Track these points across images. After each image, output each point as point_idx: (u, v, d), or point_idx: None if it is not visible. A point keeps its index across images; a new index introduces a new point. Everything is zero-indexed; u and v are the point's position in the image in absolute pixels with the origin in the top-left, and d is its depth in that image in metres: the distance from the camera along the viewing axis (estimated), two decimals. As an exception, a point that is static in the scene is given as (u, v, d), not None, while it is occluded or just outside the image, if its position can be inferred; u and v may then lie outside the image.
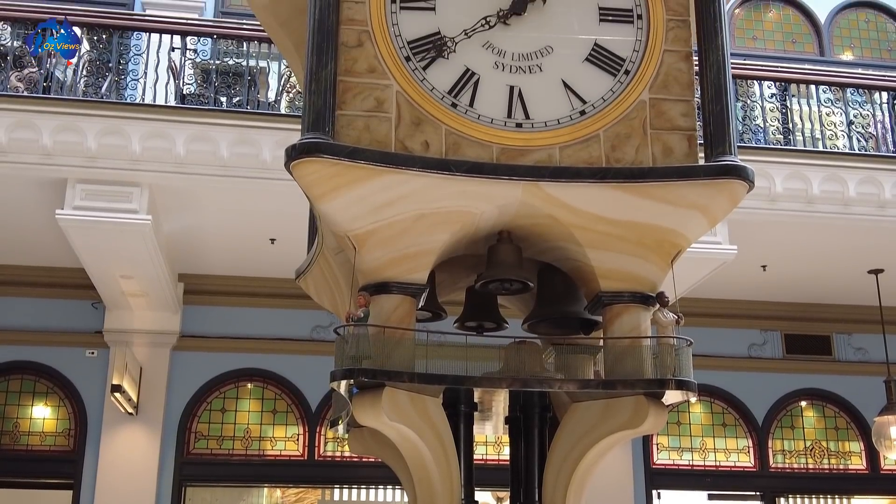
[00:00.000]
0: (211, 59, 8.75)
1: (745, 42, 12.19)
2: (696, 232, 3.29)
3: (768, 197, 8.20)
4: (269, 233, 8.68)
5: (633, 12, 3.41)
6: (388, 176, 3.04)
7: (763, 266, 9.69)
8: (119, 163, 7.45)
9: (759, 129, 9.09)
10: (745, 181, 3.20)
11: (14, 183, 7.69)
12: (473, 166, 3.09)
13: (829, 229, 8.70)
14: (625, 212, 3.18)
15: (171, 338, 9.86)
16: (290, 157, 3.02)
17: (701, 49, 3.38)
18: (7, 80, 7.88)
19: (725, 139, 3.26)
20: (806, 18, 12.44)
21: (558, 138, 3.19)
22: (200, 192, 7.86)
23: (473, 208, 3.15)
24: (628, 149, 3.22)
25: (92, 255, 8.18)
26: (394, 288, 3.11)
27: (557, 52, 3.32)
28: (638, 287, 3.23)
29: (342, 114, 3.11)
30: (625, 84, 3.30)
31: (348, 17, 3.23)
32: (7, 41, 8.14)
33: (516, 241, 3.32)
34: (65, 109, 7.46)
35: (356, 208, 3.08)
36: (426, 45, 3.25)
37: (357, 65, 3.18)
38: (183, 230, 8.64)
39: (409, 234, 3.11)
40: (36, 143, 7.37)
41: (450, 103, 3.18)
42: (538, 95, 3.24)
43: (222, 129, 7.61)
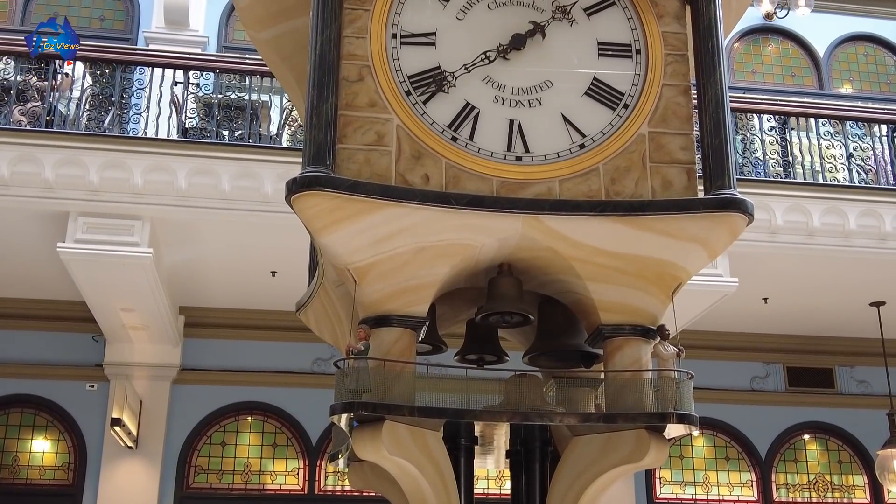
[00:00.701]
0: (213, 93, 8.81)
1: (745, 75, 12.27)
2: (696, 265, 3.29)
3: (769, 229, 8.21)
4: (271, 265, 8.69)
5: (631, 47, 3.44)
6: (389, 209, 3.04)
7: (764, 298, 9.68)
8: (121, 196, 7.47)
9: (758, 161, 9.12)
10: (745, 214, 3.20)
11: (16, 216, 7.71)
12: (473, 199, 3.10)
13: (830, 262, 8.71)
14: (625, 245, 3.18)
15: (172, 371, 9.83)
16: (291, 190, 3.02)
17: (699, 83, 3.40)
18: (10, 114, 7.94)
19: (725, 172, 3.26)
20: (805, 52, 12.53)
21: (558, 171, 3.20)
22: (202, 225, 7.88)
23: (474, 241, 3.15)
24: (628, 182, 3.23)
25: (93, 288, 8.18)
26: (394, 321, 3.10)
27: (557, 87, 3.34)
28: (638, 320, 3.22)
29: (343, 147, 3.13)
30: (624, 118, 3.32)
31: (349, 52, 3.25)
32: (10, 75, 8.20)
33: (517, 273, 3.32)
34: (67, 143, 7.51)
35: (356, 241, 3.08)
36: (426, 79, 3.27)
37: (358, 99, 3.20)
38: (184, 263, 8.65)
39: (410, 267, 3.11)
40: (38, 177, 7.40)
41: (450, 137, 3.20)
42: (538, 129, 3.26)
43: (224, 163, 7.64)
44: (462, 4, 3.41)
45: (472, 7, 3.42)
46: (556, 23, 3.41)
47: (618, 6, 3.50)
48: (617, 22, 3.48)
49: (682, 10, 3.51)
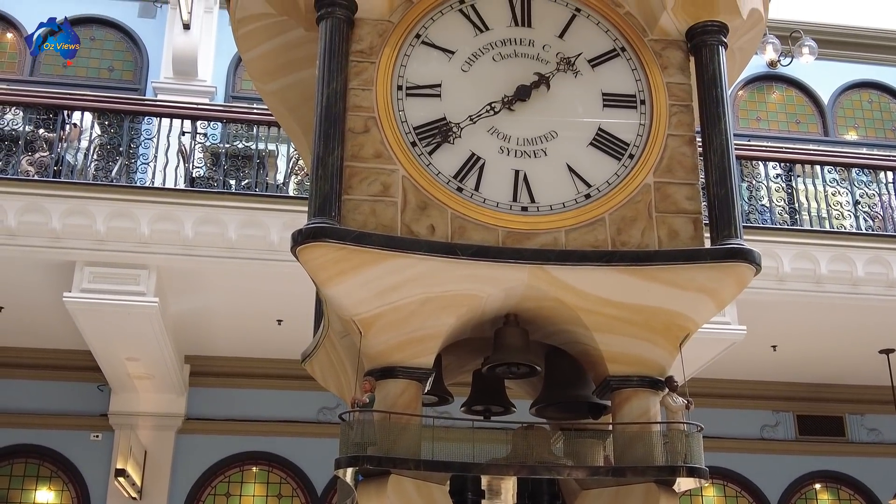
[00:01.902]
0: (221, 142, 8.87)
1: (749, 123, 12.32)
2: (704, 315, 3.26)
3: (776, 277, 8.18)
4: (277, 314, 8.68)
5: (636, 98, 3.45)
6: (394, 260, 3.03)
7: (773, 346, 9.63)
8: (127, 245, 7.49)
9: (765, 209, 9.12)
10: (753, 264, 3.18)
11: (22, 266, 7.73)
12: (479, 250, 3.09)
13: (839, 309, 8.66)
14: (632, 295, 3.16)
15: (177, 420, 9.77)
16: (297, 241, 3.02)
17: (704, 133, 3.40)
18: (18, 164, 7.99)
19: (731, 222, 3.25)
20: (809, 99, 12.58)
21: (564, 222, 3.20)
22: (208, 273, 7.88)
23: (479, 292, 3.13)
24: (634, 232, 3.22)
25: (99, 337, 8.17)
26: (400, 372, 3.08)
27: (562, 137, 3.34)
28: (646, 371, 3.19)
29: (348, 198, 3.13)
30: (629, 168, 3.31)
31: (355, 103, 3.27)
32: (19, 126, 8.27)
33: (523, 324, 3.30)
34: (74, 193, 7.54)
35: (362, 292, 3.07)
36: (432, 130, 3.28)
37: (363, 150, 3.20)
38: (190, 312, 8.64)
39: (416, 317, 3.09)
40: (45, 227, 7.43)
41: (455, 187, 3.20)
42: (543, 179, 3.26)
43: (230, 212, 7.67)
44: (467, 56, 3.44)
45: (477, 59, 3.44)
46: (560, 74, 3.43)
47: (622, 58, 3.52)
48: (621, 73, 3.49)
49: (686, 61, 3.53)
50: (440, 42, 3.44)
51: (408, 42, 3.42)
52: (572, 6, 3.58)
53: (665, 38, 3.53)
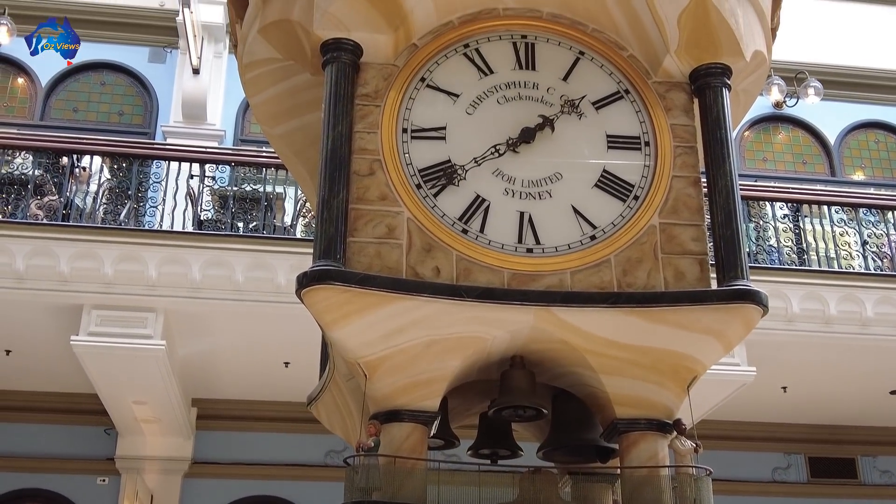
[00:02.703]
0: (229, 185, 8.92)
1: (756, 163, 12.34)
2: (711, 357, 3.24)
3: (785, 317, 8.15)
4: (284, 356, 8.66)
5: (640, 139, 3.46)
6: (399, 302, 3.02)
7: (783, 387, 9.55)
8: (135, 288, 7.51)
9: (772, 249, 9.10)
10: (760, 306, 3.16)
11: (30, 309, 7.74)
12: (485, 292, 3.08)
13: (849, 350, 8.60)
14: (638, 337, 3.14)
15: (183, 464, 9.71)
16: (302, 284, 3.02)
17: (709, 175, 3.40)
18: (27, 208, 8.04)
19: (737, 263, 3.24)
20: (816, 140, 12.61)
21: (569, 263, 3.19)
22: (215, 316, 7.89)
23: (485, 334, 3.12)
24: (640, 273, 3.21)
25: (106, 380, 8.16)
26: (405, 416, 3.06)
27: (567, 179, 3.35)
28: (654, 414, 3.16)
29: (353, 241, 3.13)
30: (634, 209, 3.31)
31: (361, 146, 3.29)
32: (28, 170, 8.33)
33: (529, 366, 3.28)
34: (83, 236, 7.58)
35: (367, 335, 3.06)
36: (437, 172, 3.29)
37: (369, 193, 3.21)
38: (197, 355, 8.63)
39: (421, 360, 3.08)
40: (53, 270, 7.45)
41: (460, 229, 3.20)
42: (548, 221, 3.26)
43: (238, 254, 7.69)
44: (472, 99, 3.46)
45: (481, 102, 3.46)
46: (564, 116, 3.44)
47: (626, 100, 3.53)
48: (625, 115, 3.51)
49: (689, 102, 3.54)
50: (445, 85, 3.47)
51: (413, 85, 3.45)
52: (576, 50, 3.61)
53: (669, 81, 3.55)
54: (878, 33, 12.97)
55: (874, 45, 12.84)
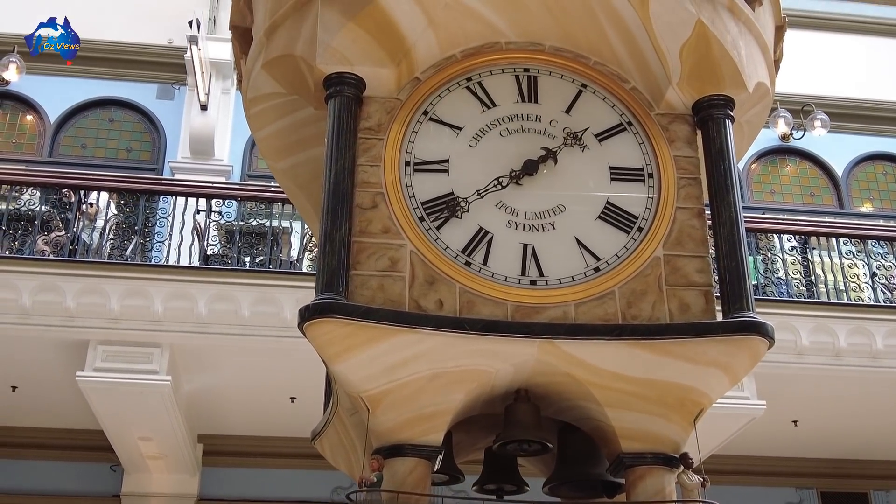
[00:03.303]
0: (235, 220, 8.94)
1: (764, 196, 12.31)
2: (717, 390, 3.21)
3: (795, 350, 8.09)
4: (290, 391, 8.62)
5: (643, 171, 3.45)
6: (402, 335, 3.01)
7: (794, 421, 9.46)
8: (141, 324, 7.50)
9: (781, 281, 9.05)
10: (766, 338, 3.14)
11: (36, 345, 7.74)
12: (488, 324, 3.06)
13: (860, 383, 8.53)
14: (643, 370, 3.12)
15: (189, 501, 9.63)
16: (304, 317, 3.01)
17: (713, 206, 3.39)
18: (34, 244, 8.06)
19: (742, 295, 3.21)
20: (823, 172, 12.59)
21: (573, 295, 3.17)
22: (221, 351, 7.87)
23: (489, 367, 3.10)
24: (644, 305, 3.18)
25: (111, 416, 8.13)
26: (408, 451, 3.03)
27: (570, 211, 3.34)
28: (660, 448, 3.13)
29: (356, 274, 3.12)
30: (638, 241, 3.30)
31: (363, 179, 3.29)
32: (36, 206, 8.36)
33: (534, 400, 3.25)
34: (89, 272, 7.59)
35: (370, 368, 3.04)
36: (440, 205, 3.28)
37: (371, 225, 3.21)
38: (203, 390, 8.60)
39: (424, 394, 3.06)
40: (59, 306, 7.46)
41: (463, 262, 3.19)
42: (552, 253, 3.24)
43: (244, 289, 7.68)
44: (474, 132, 3.46)
45: (484, 135, 3.47)
46: (567, 148, 3.44)
47: (629, 132, 3.53)
48: (628, 147, 3.51)
49: (693, 134, 3.54)
50: (448, 118, 3.47)
51: (416, 119, 3.45)
52: (578, 82, 3.62)
53: (671, 112, 3.55)
54: (884, 65, 13.00)
55: (880, 77, 12.86)
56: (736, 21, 3.60)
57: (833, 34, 12.95)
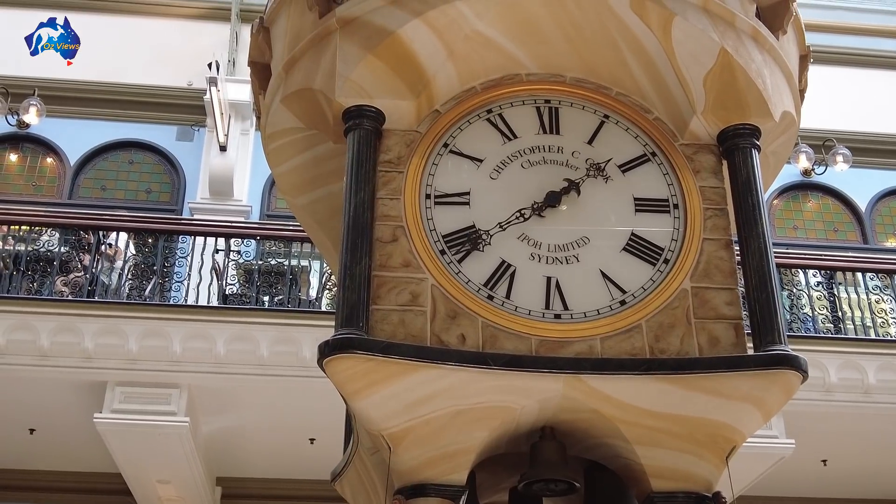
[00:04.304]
0: (254, 259, 8.93)
1: (786, 231, 12.21)
2: (750, 426, 3.11)
3: (823, 388, 7.96)
4: (309, 432, 8.55)
5: (668, 202, 3.39)
6: (424, 371, 2.93)
7: (823, 460, 9.29)
8: (159, 364, 7.48)
9: (807, 317, 8.94)
10: (799, 371, 3.04)
11: (54, 387, 7.72)
12: (512, 359, 2.98)
13: (890, 420, 8.38)
14: (673, 405, 3.03)
15: (208, 545, 9.52)
16: (323, 353, 2.95)
17: (741, 237, 3.32)
18: (52, 285, 8.06)
19: (774, 327, 3.12)
20: (846, 207, 12.49)
21: (599, 329, 3.10)
22: (240, 391, 7.82)
23: (513, 403, 3.02)
24: (673, 339, 3.10)
25: (129, 459, 8.08)
26: (431, 490, 2.95)
27: (594, 243, 3.27)
28: (692, 486, 3.03)
29: (376, 308, 3.06)
30: (665, 273, 3.22)
31: (383, 213, 3.24)
32: (55, 247, 8.38)
33: (560, 437, 3.16)
34: (108, 312, 7.59)
35: (391, 405, 2.97)
36: (461, 238, 3.22)
37: (392, 259, 3.15)
38: (221, 431, 8.54)
39: (447, 432, 2.98)
40: (77, 347, 7.45)
41: (486, 295, 3.12)
42: (576, 286, 3.17)
43: (263, 328, 7.65)
44: (496, 164, 3.41)
45: (505, 167, 3.42)
46: (590, 180, 3.38)
47: (653, 162, 3.47)
48: (653, 177, 3.44)
49: (718, 164, 3.48)
50: (468, 150, 3.42)
51: (436, 151, 3.41)
52: (600, 113, 3.56)
53: (696, 143, 3.49)
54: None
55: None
56: (760, 49, 3.54)
57: (853, 69, 12.91)
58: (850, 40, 13.16)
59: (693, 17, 3.39)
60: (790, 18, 3.69)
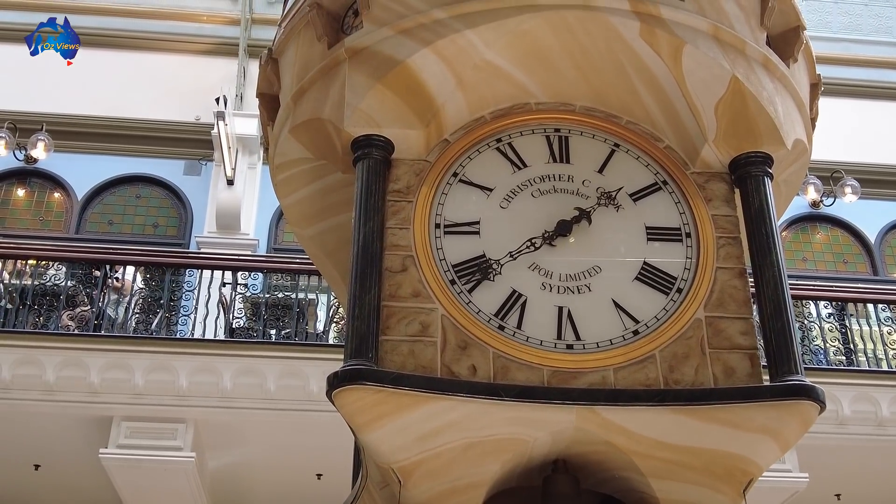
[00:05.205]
0: (261, 292, 8.91)
1: (796, 263, 12.15)
2: (767, 459, 3.05)
3: (837, 420, 7.88)
4: (316, 468, 8.47)
5: (681, 231, 3.35)
6: (434, 403, 2.88)
7: (837, 495, 9.18)
8: (165, 399, 7.44)
9: (819, 349, 8.86)
10: (817, 402, 2.99)
11: (59, 422, 7.68)
12: (524, 391, 2.93)
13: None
14: (688, 437, 2.97)
15: (213, 583, 9.40)
16: (332, 385, 2.90)
17: (755, 266, 3.27)
18: (59, 319, 8.04)
19: (790, 357, 3.07)
20: (856, 239, 12.45)
21: (612, 360, 3.05)
22: (246, 426, 7.77)
23: (525, 435, 2.96)
24: (687, 369, 3.05)
25: (134, 494, 8.01)
26: (442, 525, 2.88)
27: (606, 272, 3.23)
28: (709, 520, 2.96)
29: (386, 339, 3.02)
30: (678, 302, 3.18)
31: (393, 242, 3.21)
32: (61, 281, 8.36)
33: (573, 470, 3.10)
34: (114, 346, 7.57)
35: (401, 438, 2.91)
36: (471, 268, 3.19)
37: (401, 289, 3.12)
38: (228, 467, 8.46)
39: (458, 465, 2.93)
40: (83, 381, 7.42)
41: (497, 326, 3.08)
42: (588, 316, 3.13)
43: (270, 362, 7.61)
44: (506, 193, 3.38)
45: (515, 196, 3.39)
46: (601, 208, 3.35)
47: (664, 191, 3.44)
48: (664, 206, 3.41)
49: (730, 192, 3.44)
50: (478, 180, 3.40)
51: (445, 180, 3.38)
52: (611, 142, 3.54)
53: (708, 171, 3.46)
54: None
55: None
56: (771, 77, 3.52)
57: (861, 100, 12.93)
58: (858, 72, 13.18)
59: (703, 45, 3.37)
60: (801, 46, 3.67)
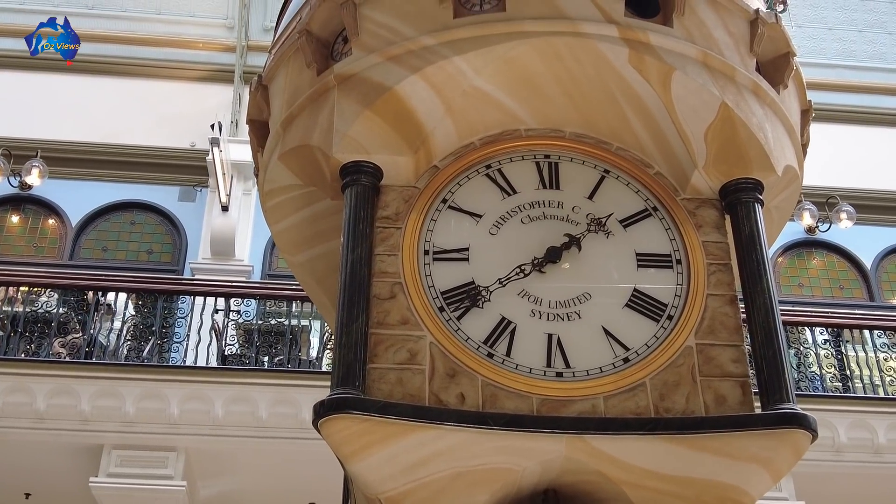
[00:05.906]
0: (254, 319, 8.87)
1: (792, 289, 12.14)
2: (759, 488, 3.01)
3: (833, 448, 7.83)
4: (309, 496, 8.41)
5: (671, 257, 3.33)
6: (422, 432, 2.85)
7: (835, 523, 9.08)
8: (156, 427, 7.39)
9: (815, 376, 8.83)
10: (809, 431, 2.95)
11: (49, 450, 7.62)
12: (513, 419, 2.90)
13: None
14: (679, 467, 2.93)
15: None
16: (318, 414, 2.86)
17: (746, 293, 3.25)
18: (50, 346, 8.00)
19: (782, 385, 3.04)
20: (852, 264, 12.44)
21: (602, 388, 3.02)
22: (238, 454, 7.71)
23: (514, 465, 2.92)
24: (678, 398, 3.02)
25: (125, 524, 7.90)
26: (430, 557, 2.84)
27: (596, 299, 3.21)
28: (701, 551, 2.92)
29: (374, 367, 2.99)
30: (669, 329, 3.15)
31: (381, 269, 3.18)
32: (53, 308, 8.33)
33: (563, 501, 3.06)
34: (105, 374, 7.53)
35: (388, 468, 2.88)
36: (460, 294, 3.16)
37: (389, 317, 3.09)
38: (219, 496, 8.40)
39: (446, 495, 2.89)
40: (74, 409, 7.37)
41: (486, 353, 3.05)
42: (578, 343, 3.10)
43: (262, 389, 7.57)
44: (495, 220, 3.36)
45: (505, 222, 3.37)
46: (591, 235, 3.33)
47: (654, 217, 3.42)
48: (654, 232, 3.39)
49: (721, 219, 3.43)
50: (467, 206, 3.38)
51: (434, 207, 3.36)
52: (601, 168, 3.53)
53: (698, 197, 3.45)
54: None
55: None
56: (761, 104, 3.52)
57: (855, 126, 12.97)
58: (852, 98, 13.24)
59: (693, 72, 3.36)
60: (791, 73, 3.67)
